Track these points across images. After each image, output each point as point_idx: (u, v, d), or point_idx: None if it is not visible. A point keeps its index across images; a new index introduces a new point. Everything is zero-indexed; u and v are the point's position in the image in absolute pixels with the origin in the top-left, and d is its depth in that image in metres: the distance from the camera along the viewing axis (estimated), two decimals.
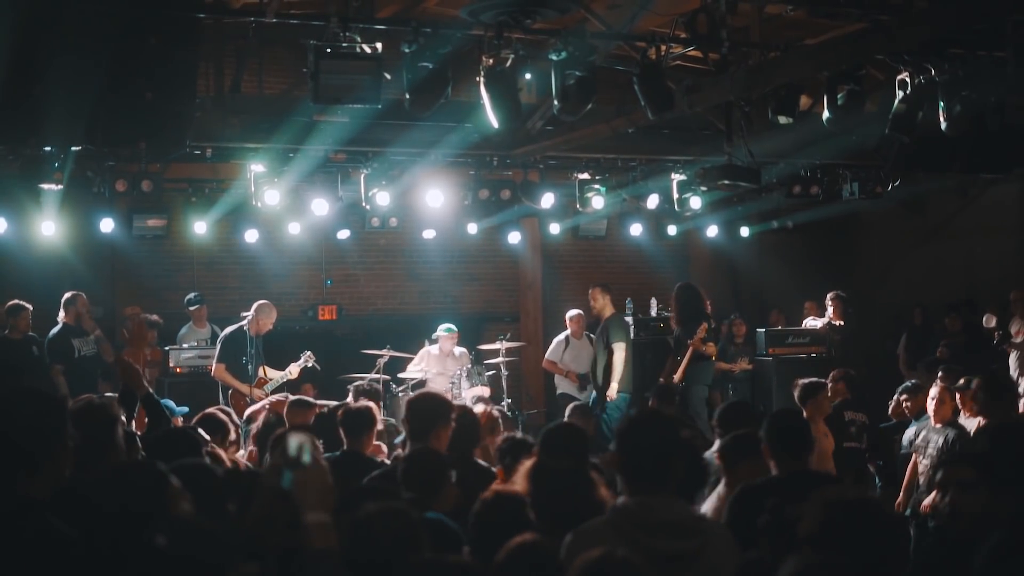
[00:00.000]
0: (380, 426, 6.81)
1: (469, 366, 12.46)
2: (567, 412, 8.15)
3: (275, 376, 11.22)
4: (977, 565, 2.77)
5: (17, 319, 10.80)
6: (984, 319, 12.28)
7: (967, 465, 4.43)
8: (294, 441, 3.05)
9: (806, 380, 8.25)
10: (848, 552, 3.03)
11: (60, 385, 10.59)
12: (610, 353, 11.77)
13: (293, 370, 11.30)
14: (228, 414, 6.78)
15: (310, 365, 11.47)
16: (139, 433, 5.83)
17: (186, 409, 10.02)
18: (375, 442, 6.50)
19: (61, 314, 11.17)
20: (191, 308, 12.81)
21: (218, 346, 11.21)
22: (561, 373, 13.09)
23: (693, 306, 11.80)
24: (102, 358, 11.51)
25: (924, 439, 8.39)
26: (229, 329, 11.26)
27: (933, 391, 8.50)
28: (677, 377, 11.44)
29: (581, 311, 13.54)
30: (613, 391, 11.52)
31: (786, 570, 2.57)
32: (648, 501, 3.60)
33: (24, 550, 3.03)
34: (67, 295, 11.25)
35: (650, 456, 3.67)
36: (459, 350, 12.55)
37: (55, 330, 11.12)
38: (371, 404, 6.50)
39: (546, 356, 13.33)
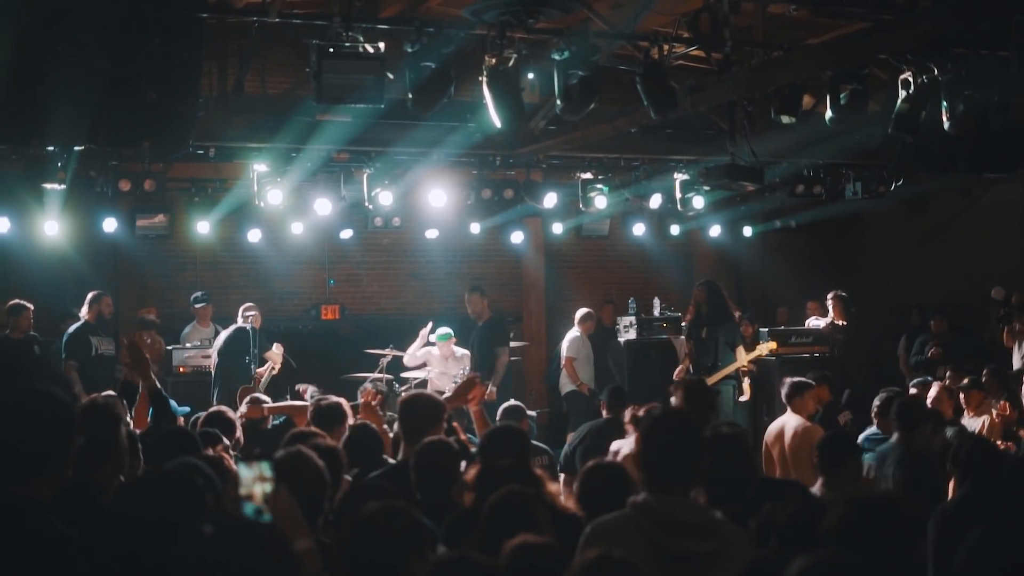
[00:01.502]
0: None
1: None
2: (499, 414, 8.10)
3: (264, 373, 11.31)
4: (956, 564, 2.76)
5: (18, 319, 10.78)
6: (993, 291, 12.26)
7: None
8: (248, 479, 3.03)
9: (793, 379, 8.32)
10: (867, 548, 3.04)
11: (74, 382, 10.56)
12: (494, 357, 11.72)
13: (277, 362, 11.37)
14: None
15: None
16: (139, 431, 5.82)
17: (187, 409, 10.01)
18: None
19: (84, 310, 11.09)
20: (197, 306, 12.75)
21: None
22: (576, 380, 13.15)
23: (723, 305, 11.78)
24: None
25: None
26: (233, 328, 11.38)
27: (933, 391, 8.54)
28: (713, 380, 11.43)
29: (592, 310, 13.58)
30: (494, 393, 11.37)
31: (795, 567, 2.56)
32: (669, 500, 3.61)
33: (24, 551, 3.03)
34: (93, 293, 11.18)
35: (673, 455, 3.68)
36: (460, 351, 12.55)
37: (75, 326, 11.07)
38: (340, 400, 6.54)
39: (566, 353, 13.32)
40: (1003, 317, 12.08)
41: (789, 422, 7.92)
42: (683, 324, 12.58)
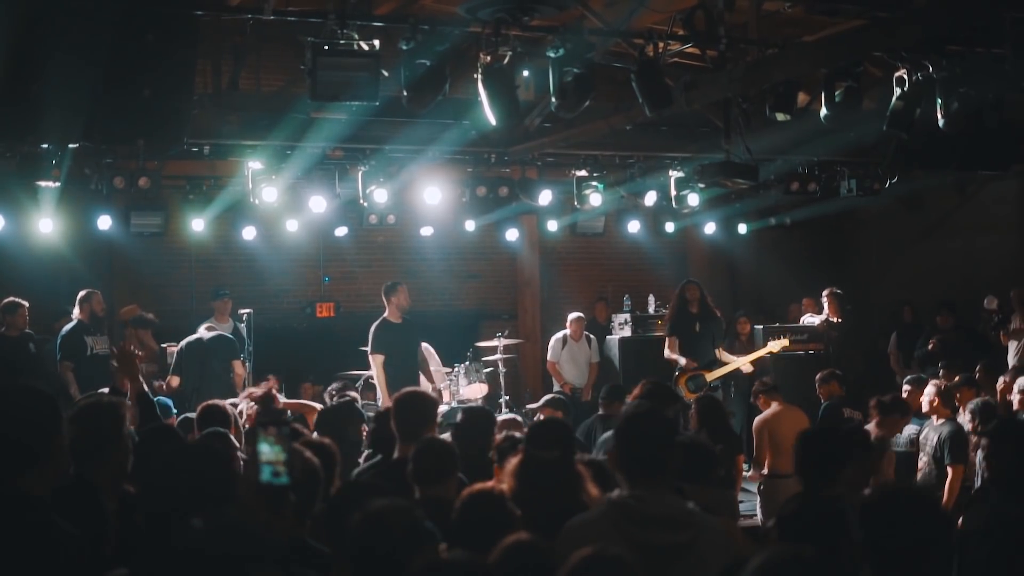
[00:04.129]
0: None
1: (444, 367, 12.49)
2: (541, 403, 8.24)
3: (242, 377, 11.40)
4: (979, 566, 2.77)
5: (13, 316, 10.75)
6: (985, 301, 12.27)
7: None
8: (266, 445, 3.10)
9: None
10: (809, 540, 3.08)
11: (69, 382, 10.53)
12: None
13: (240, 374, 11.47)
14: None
15: None
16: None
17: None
18: None
19: (76, 311, 11.06)
20: (217, 300, 12.60)
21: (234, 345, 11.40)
22: (560, 381, 13.24)
23: (708, 302, 12.02)
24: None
25: (925, 437, 8.45)
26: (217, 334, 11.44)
27: (929, 388, 8.57)
28: (715, 376, 11.54)
29: (582, 314, 13.60)
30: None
31: (754, 563, 2.58)
32: (642, 495, 3.66)
33: (24, 547, 3.03)
34: (82, 292, 11.13)
35: (646, 451, 3.72)
36: (424, 346, 12.51)
37: (69, 326, 11.00)
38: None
39: (548, 357, 13.46)
40: (998, 324, 12.11)
41: None
42: (665, 321, 12.60)
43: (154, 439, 4.91)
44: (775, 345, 12.05)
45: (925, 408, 8.59)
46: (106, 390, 6.04)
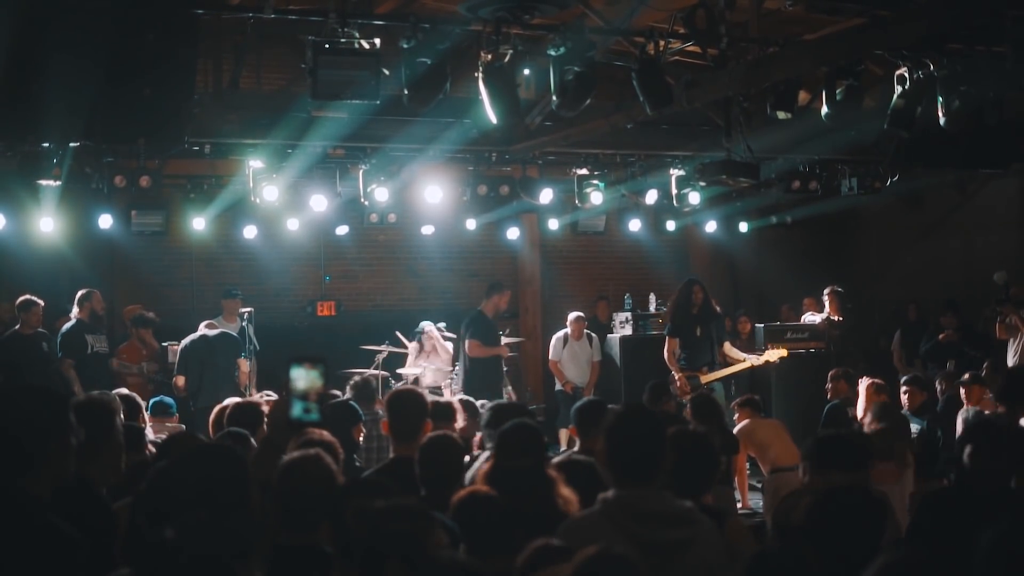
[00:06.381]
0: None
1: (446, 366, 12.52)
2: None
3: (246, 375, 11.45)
4: (978, 558, 2.75)
5: (28, 314, 10.78)
6: (996, 276, 12.21)
7: None
8: (301, 379, 3.16)
9: None
10: (837, 539, 3.06)
11: (72, 380, 10.59)
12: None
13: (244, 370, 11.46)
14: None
15: None
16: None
17: None
18: None
19: (75, 310, 11.14)
20: (229, 299, 12.50)
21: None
22: (561, 380, 13.26)
23: (711, 302, 12.00)
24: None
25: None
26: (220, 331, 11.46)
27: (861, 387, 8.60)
28: (712, 378, 11.51)
29: (582, 314, 13.60)
30: None
31: (875, 566, 2.55)
32: (638, 493, 3.66)
33: (23, 549, 3.02)
34: (82, 291, 11.22)
35: (636, 451, 3.72)
36: (446, 343, 12.55)
37: (68, 325, 11.08)
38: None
39: (550, 356, 13.49)
40: (1000, 300, 11.99)
41: None
42: (664, 322, 12.57)
43: (175, 446, 4.88)
44: (772, 354, 11.94)
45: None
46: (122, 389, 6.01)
